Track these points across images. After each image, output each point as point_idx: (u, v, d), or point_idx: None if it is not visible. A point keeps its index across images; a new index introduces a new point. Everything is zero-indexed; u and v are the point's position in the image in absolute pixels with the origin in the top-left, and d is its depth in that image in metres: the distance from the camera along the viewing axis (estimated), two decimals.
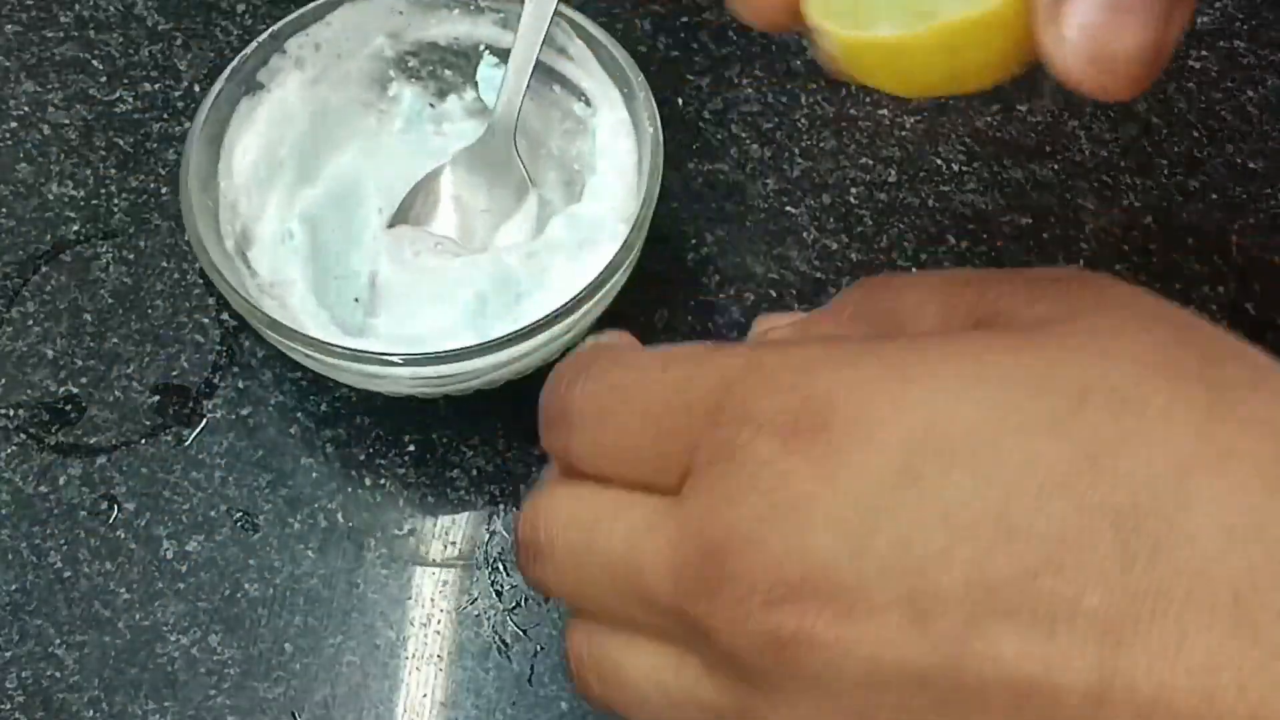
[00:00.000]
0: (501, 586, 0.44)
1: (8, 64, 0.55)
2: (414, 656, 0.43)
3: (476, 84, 0.51)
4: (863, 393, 0.26)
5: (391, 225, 0.49)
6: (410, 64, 0.50)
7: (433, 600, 0.44)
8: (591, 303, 0.42)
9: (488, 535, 0.45)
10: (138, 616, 0.43)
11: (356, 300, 0.48)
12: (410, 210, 0.49)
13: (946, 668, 0.24)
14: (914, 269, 0.50)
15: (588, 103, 0.48)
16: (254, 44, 0.47)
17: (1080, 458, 0.24)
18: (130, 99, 0.54)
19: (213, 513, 0.45)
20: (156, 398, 0.47)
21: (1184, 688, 0.22)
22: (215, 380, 0.48)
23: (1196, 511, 0.23)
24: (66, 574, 0.44)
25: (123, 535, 0.45)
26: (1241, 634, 0.22)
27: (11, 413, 0.47)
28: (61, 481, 0.46)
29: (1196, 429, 0.24)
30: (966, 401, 0.25)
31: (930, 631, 0.24)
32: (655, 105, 0.45)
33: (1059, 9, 0.21)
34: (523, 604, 0.44)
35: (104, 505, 0.45)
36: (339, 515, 0.45)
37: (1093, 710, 0.23)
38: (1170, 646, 0.23)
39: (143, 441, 0.47)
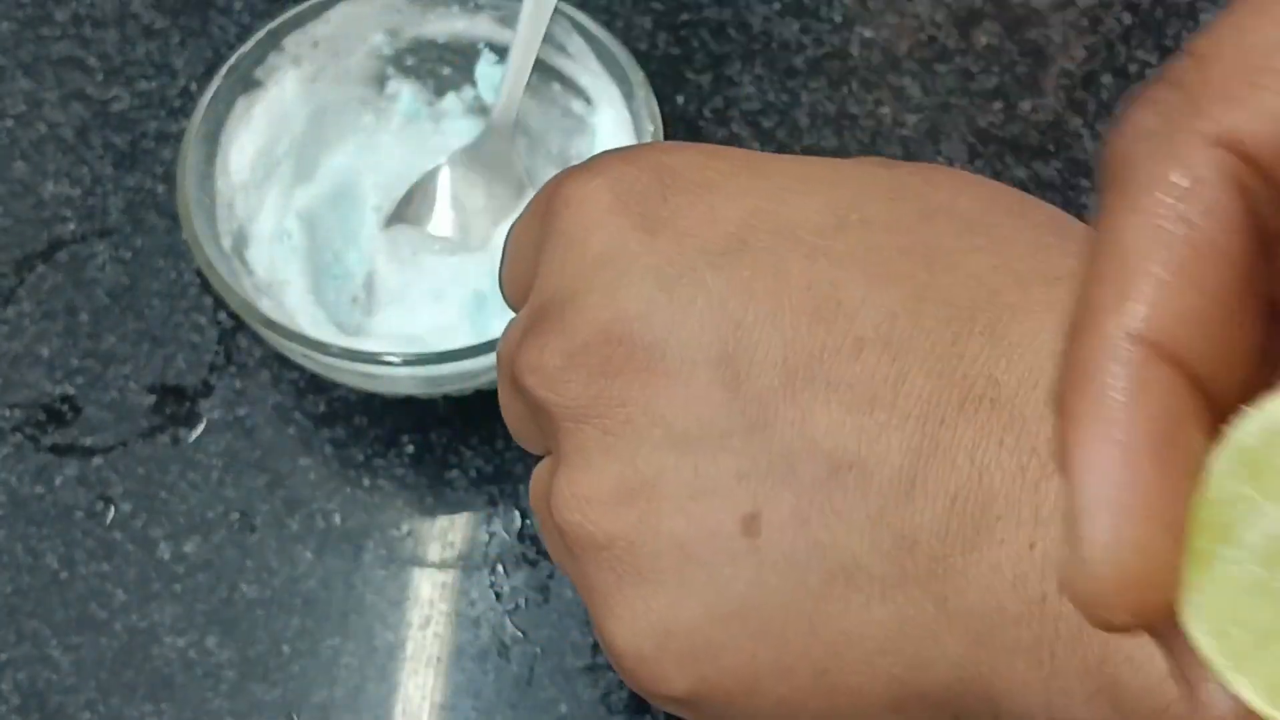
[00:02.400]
0: (500, 588, 0.44)
1: (3, 62, 0.55)
2: (412, 658, 0.43)
3: (475, 82, 0.50)
4: (713, 172, 0.26)
5: (389, 224, 0.48)
6: (408, 61, 0.50)
7: (431, 602, 0.44)
8: None
9: (487, 536, 0.45)
10: (134, 618, 0.43)
11: (355, 300, 0.47)
12: (408, 209, 0.49)
13: (752, 430, 0.24)
14: None
15: (587, 100, 0.48)
16: (251, 41, 0.47)
17: (921, 255, 0.25)
18: (127, 97, 0.54)
19: (210, 514, 0.45)
20: (153, 398, 0.47)
21: (1010, 469, 0.22)
22: (212, 380, 0.48)
23: (1026, 321, 0.24)
24: (62, 575, 0.44)
25: (119, 536, 0.45)
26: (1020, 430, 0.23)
27: (7, 413, 0.47)
28: (57, 482, 0.46)
29: (1033, 254, 0.25)
30: (817, 194, 0.26)
31: (740, 393, 0.24)
32: (655, 103, 0.45)
33: None
34: (522, 606, 0.43)
35: (100, 506, 0.45)
36: (337, 516, 0.45)
37: (905, 489, 0.23)
38: (993, 434, 0.23)
39: (139, 442, 0.46)
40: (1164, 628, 0.15)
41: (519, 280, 0.29)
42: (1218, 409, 0.15)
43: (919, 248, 0.25)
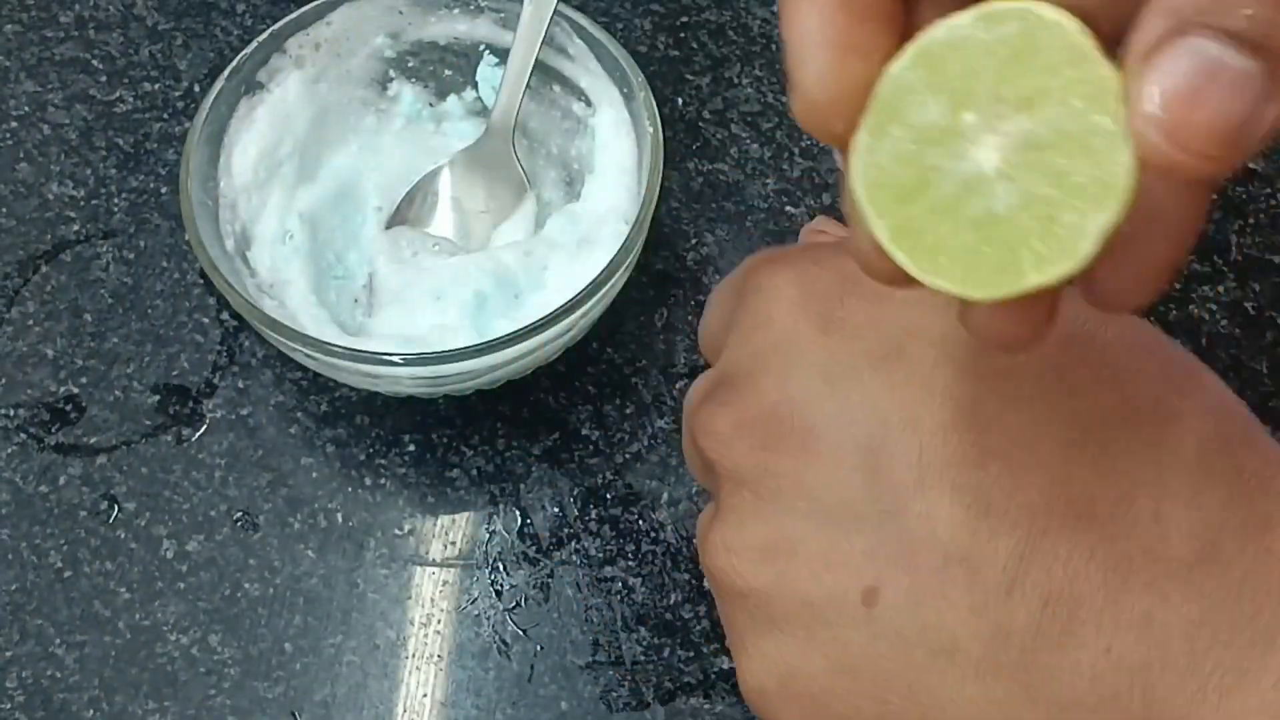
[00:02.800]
0: (501, 586, 0.44)
1: (8, 64, 0.55)
2: (414, 656, 0.43)
3: (476, 84, 0.51)
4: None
5: (389, 226, 0.49)
6: (410, 63, 0.50)
7: (433, 600, 0.44)
8: (591, 302, 0.42)
9: (487, 535, 0.45)
10: (138, 616, 0.43)
11: (356, 300, 0.48)
12: (408, 211, 0.49)
13: (884, 516, 0.27)
14: None
15: (588, 102, 0.48)
16: (254, 43, 0.47)
17: (1053, 381, 0.28)
18: (130, 99, 0.54)
19: (213, 512, 0.45)
20: (156, 397, 0.47)
21: (1095, 581, 0.26)
22: (215, 380, 0.48)
23: (1131, 449, 0.27)
24: (67, 574, 0.44)
25: (123, 535, 0.45)
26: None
27: (12, 412, 0.47)
28: (61, 481, 0.46)
29: (1154, 393, 0.28)
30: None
31: (878, 482, 0.27)
32: (655, 105, 0.45)
33: (1141, 74, 0.19)
34: (523, 604, 0.44)
35: (104, 505, 0.45)
36: (339, 515, 0.45)
37: (1006, 587, 0.26)
38: (1084, 547, 0.26)
39: (143, 441, 0.47)
40: (846, 159, 0.21)
41: (713, 340, 0.34)
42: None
43: (1051, 373, 0.28)
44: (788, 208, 0.51)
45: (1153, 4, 0.19)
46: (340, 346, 0.41)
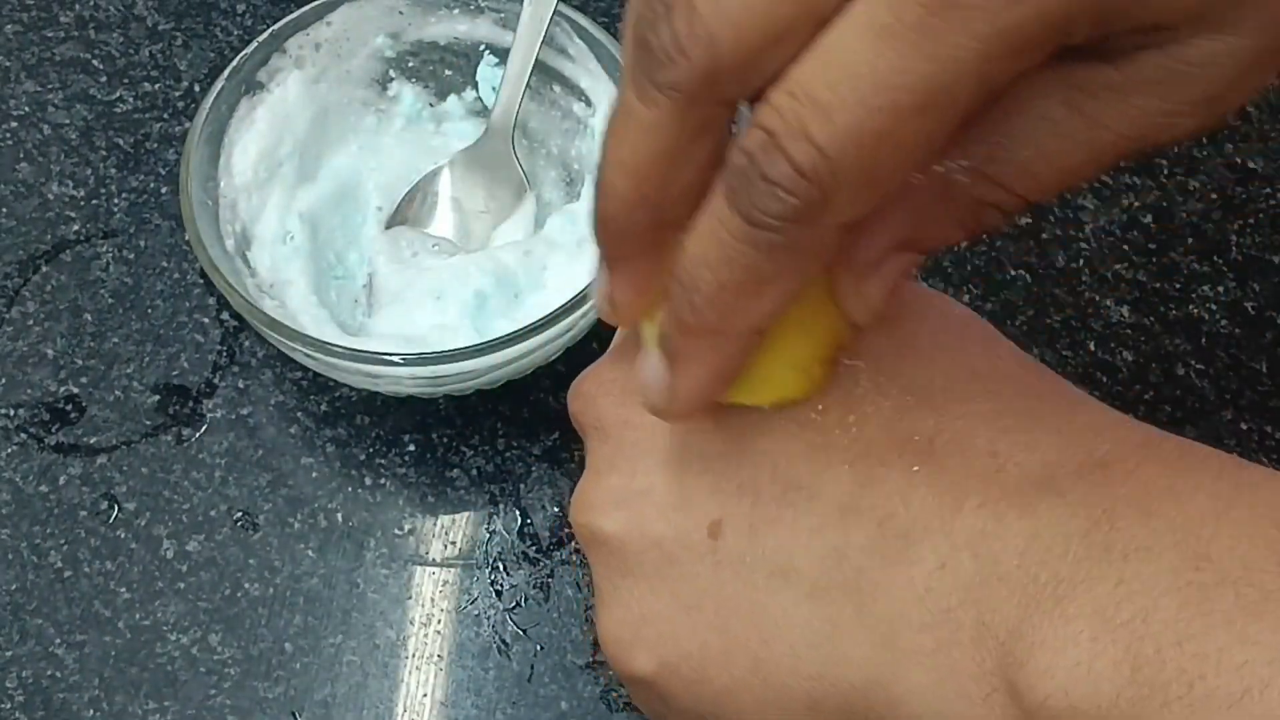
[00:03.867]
0: (501, 586, 0.44)
1: (8, 64, 0.55)
2: (414, 656, 0.43)
3: (476, 84, 0.51)
4: None
5: (389, 226, 0.49)
6: (410, 64, 0.50)
7: (433, 600, 0.44)
8: (591, 302, 0.42)
9: (487, 535, 0.45)
10: (138, 616, 0.43)
11: (356, 300, 0.48)
12: (408, 211, 0.49)
13: (729, 456, 0.29)
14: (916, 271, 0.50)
15: (588, 102, 0.48)
16: (254, 44, 0.47)
17: (898, 350, 0.30)
18: (130, 99, 0.54)
19: (213, 512, 0.45)
20: (157, 397, 0.47)
21: (930, 505, 0.27)
22: (215, 380, 0.48)
23: (962, 407, 0.29)
24: (67, 573, 0.44)
25: (123, 535, 0.45)
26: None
27: (12, 412, 0.47)
28: (62, 481, 0.46)
29: (959, 369, 0.30)
30: None
31: (726, 425, 0.29)
32: None
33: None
34: (522, 604, 0.44)
35: (104, 505, 0.45)
36: (339, 515, 0.45)
37: (842, 511, 0.28)
38: (920, 475, 0.28)
39: (143, 441, 0.47)
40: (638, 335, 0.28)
41: None
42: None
43: (892, 341, 0.30)
44: None
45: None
46: (340, 346, 0.41)
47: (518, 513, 0.45)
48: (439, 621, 0.43)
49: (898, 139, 0.21)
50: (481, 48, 0.50)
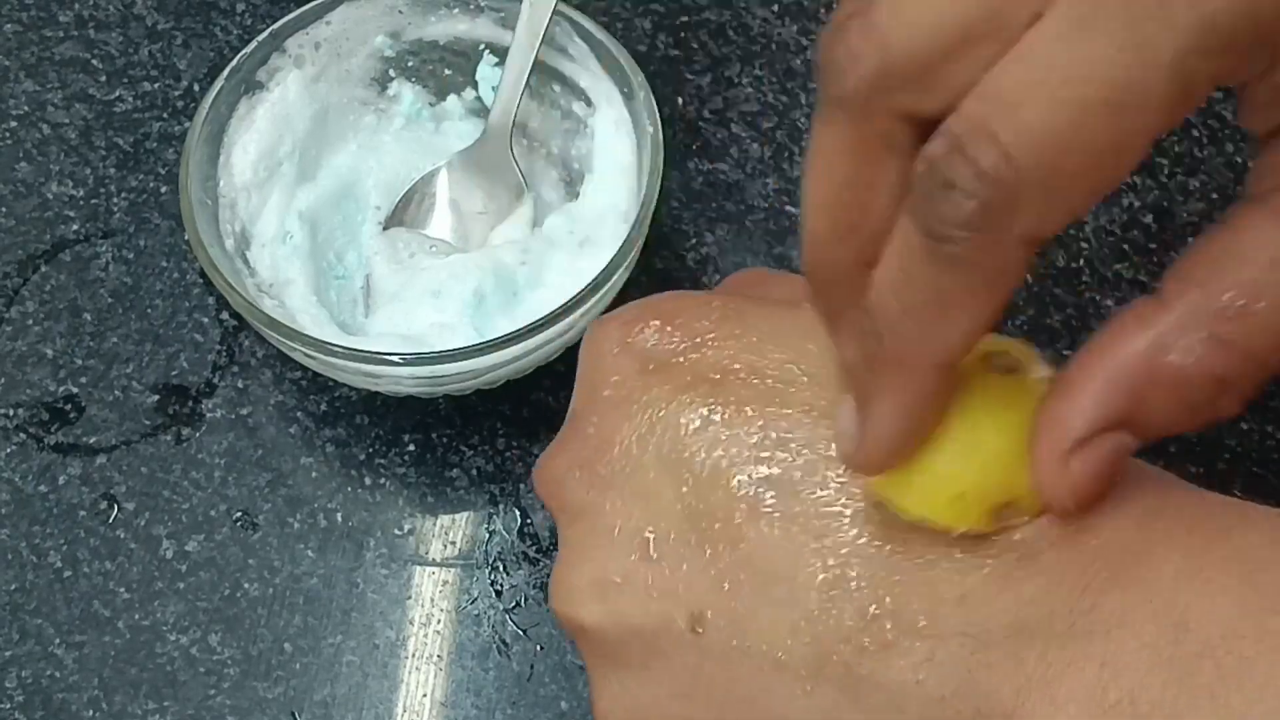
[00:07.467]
0: (501, 586, 0.44)
1: (7, 63, 0.55)
2: (414, 656, 0.43)
3: (476, 83, 0.51)
4: (706, 320, 0.32)
5: (387, 228, 0.49)
6: (410, 63, 0.50)
7: (432, 600, 0.44)
8: (591, 302, 0.42)
9: (487, 535, 0.45)
10: (137, 616, 0.43)
11: (356, 300, 0.48)
12: (405, 213, 0.49)
13: (703, 544, 0.29)
14: None
15: (588, 102, 0.48)
16: (254, 43, 0.47)
17: None
18: (130, 98, 0.54)
19: (212, 512, 0.45)
20: (156, 397, 0.47)
21: (911, 595, 0.27)
22: (215, 380, 0.48)
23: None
24: (66, 573, 0.44)
25: (122, 535, 0.45)
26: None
27: (11, 412, 0.47)
28: (61, 481, 0.46)
29: None
30: (788, 348, 0.30)
31: (698, 511, 0.29)
32: (655, 105, 0.45)
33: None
34: (522, 604, 0.44)
35: (103, 505, 0.45)
36: (339, 515, 0.45)
37: (826, 605, 0.27)
38: (894, 564, 0.28)
39: (142, 441, 0.47)
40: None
41: None
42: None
43: None
44: (788, 207, 0.51)
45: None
46: (340, 346, 0.41)
47: (518, 513, 0.45)
48: (439, 621, 0.43)
49: (1087, 139, 0.20)
50: (481, 47, 0.50)
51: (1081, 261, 0.50)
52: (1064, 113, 0.20)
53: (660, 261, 0.50)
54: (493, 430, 0.47)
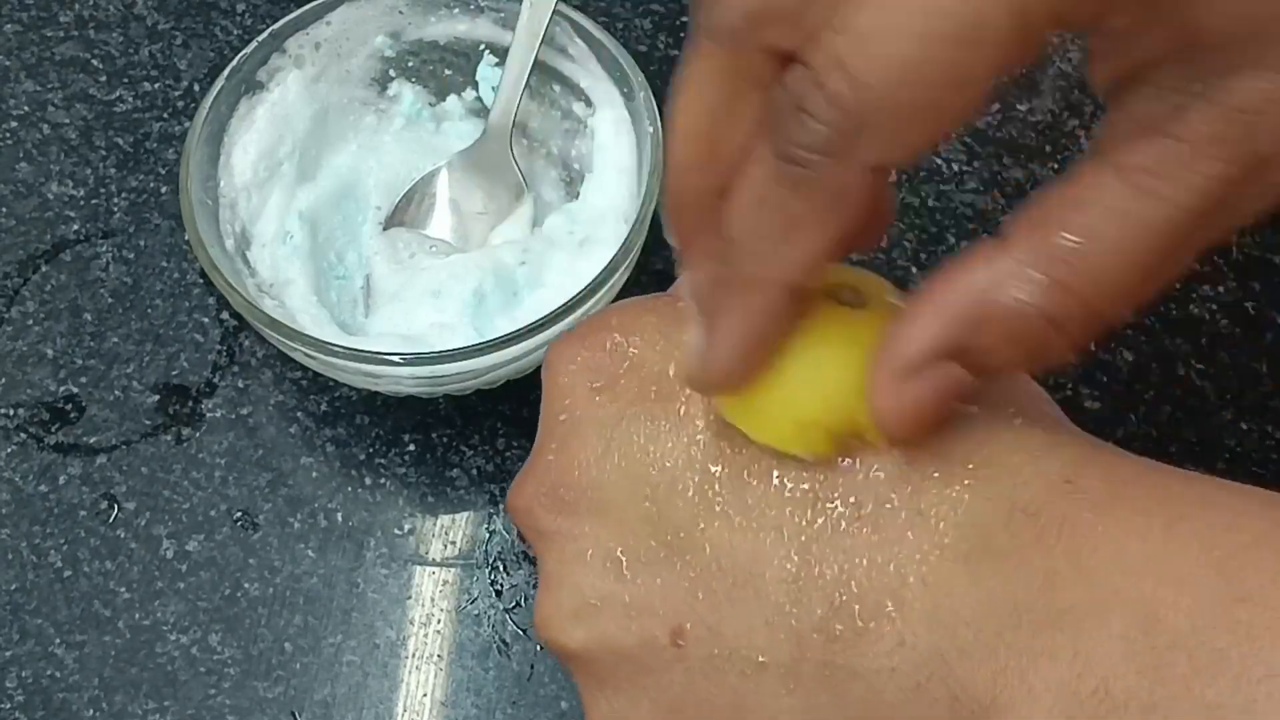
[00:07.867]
0: (501, 586, 0.44)
1: (8, 63, 0.55)
2: (414, 656, 0.43)
3: (476, 83, 0.51)
4: (644, 330, 0.32)
5: (387, 228, 0.49)
6: (410, 63, 0.50)
7: (433, 600, 0.44)
8: (591, 302, 0.42)
9: (487, 535, 0.45)
10: (137, 616, 0.43)
11: (356, 300, 0.48)
12: (405, 213, 0.49)
13: (672, 557, 0.29)
14: (914, 269, 0.50)
15: (588, 102, 0.48)
16: (254, 43, 0.47)
17: None
18: (130, 98, 0.54)
19: (213, 512, 0.45)
20: (156, 397, 0.47)
21: (876, 582, 0.27)
22: (215, 380, 0.48)
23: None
24: (66, 573, 0.44)
25: (123, 535, 0.45)
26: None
27: (11, 412, 0.47)
28: (61, 481, 0.46)
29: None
30: None
31: (662, 526, 0.29)
32: (655, 104, 0.45)
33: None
34: (522, 603, 0.44)
35: (104, 505, 0.45)
36: (339, 515, 0.45)
37: (793, 597, 0.27)
38: (860, 550, 0.28)
39: (142, 441, 0.47)
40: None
41: None
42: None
43: None
44: None
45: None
46: (340, 346, 0.41)
47: None
48: (439, 621, 0.44)
49: (930, 71, 0.22)
50: (481, 47, 0.50)
51: None
52: (910, 45, 0.21)
53: (660, 262, 0.50)
54: (493, 430, 0.47)
